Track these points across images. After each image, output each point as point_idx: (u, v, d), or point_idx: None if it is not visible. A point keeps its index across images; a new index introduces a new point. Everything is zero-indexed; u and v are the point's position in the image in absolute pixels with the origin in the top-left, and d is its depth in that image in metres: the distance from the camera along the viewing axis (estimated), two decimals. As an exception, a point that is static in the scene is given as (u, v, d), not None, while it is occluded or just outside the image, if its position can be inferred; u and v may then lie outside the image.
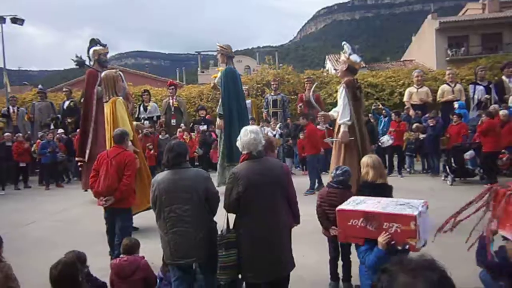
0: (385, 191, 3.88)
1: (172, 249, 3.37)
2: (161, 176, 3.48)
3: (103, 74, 6.63)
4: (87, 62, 8.26)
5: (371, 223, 3.07)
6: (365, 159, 4.04)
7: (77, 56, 8.02)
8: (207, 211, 3.44)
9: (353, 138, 5.63)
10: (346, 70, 5.89)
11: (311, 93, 7.30)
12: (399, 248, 3.00)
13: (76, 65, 7.99)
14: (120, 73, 6.74)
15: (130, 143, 5.44)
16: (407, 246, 2.98)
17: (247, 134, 3.28)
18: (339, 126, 5.70)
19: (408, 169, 10.35)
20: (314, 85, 8.58)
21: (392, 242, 2.99)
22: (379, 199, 3.37)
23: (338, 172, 4.07)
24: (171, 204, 3.34)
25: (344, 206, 3.30)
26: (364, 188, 3.90)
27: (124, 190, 4.67)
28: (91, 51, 7.99)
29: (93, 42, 8.16)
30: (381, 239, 2.97)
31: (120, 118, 6.17)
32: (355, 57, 5.92)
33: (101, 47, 8.07)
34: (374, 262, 3.01)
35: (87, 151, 8.20)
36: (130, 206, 4.90)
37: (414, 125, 10.13)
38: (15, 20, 16.63)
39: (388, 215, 3.03)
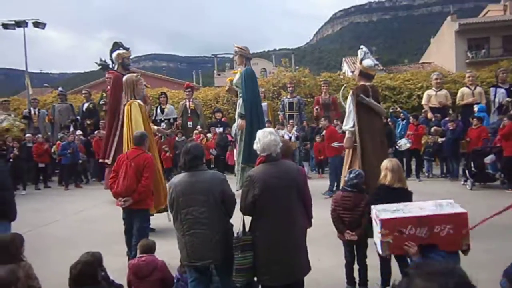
0: (403, 196, 3.75)
1: (189, 251, 3.39)
2: (178, 178, 3.51)
3: (124, 78, 6.72)
4: (110, 65, 8.33)
5: (421, 229, 2.90)
6: (385, 163, 3.99)
7: (101, 60, 8.11)
8: (223, 213, 3.45)
9: (356, 144, 5.70)
10: (360, 75, 5.95)
11: (340, 95, 7.35)
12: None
13: (101, 68, 8.07)
14: (140, 77, 6.85)
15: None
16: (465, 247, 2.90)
17: (266, 136, 3.28)
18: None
19: (426, 173, 10.21)
20: (342, 88, 8.64)
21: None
22: (417, 203, 3.23)
23: (351, 175, 4.07)
24: (188, 206, 3.36)
25: (383, 216, 3.04)
26: (381, 191, 3.85)
27: (143, 191, 4.72)
28: (114, 54, 8.02)
29: (116, 45, 8.18)
30: (411, 249, 2.89)
31: (134, 121, 6.26)
32: (368, 62, 5.91)
33: (124, 51, 8.09)
34: None
35: (112, 154, 8.23)
36: (148, 208, 4.96)
37: (433, 129, 9.99)
38: (37, 24, 17.03)
39: (441, 216, 2.89)
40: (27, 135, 11.60)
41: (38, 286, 3.22)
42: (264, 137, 3.28)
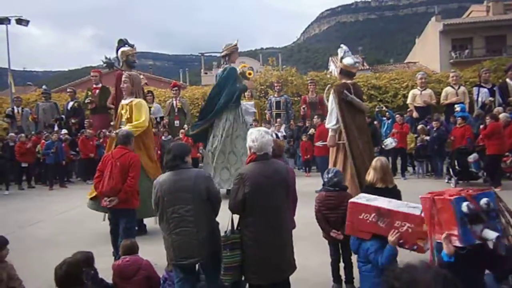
0: (387, 195, 3.78)
1: (175, 250, 3.38)
2: (162, 177, 3.50)
3: (129, 73, 6.44)
4: (116, 64, 8.09)
5: (383, 220, 3.12)
6: (372, 162, 4.06)
7: (106, 58, 7.89)
8: (209, 211, 3.45)
9: (341, 142, 5.74)
10: (340, 73, 6.04)
11: (325, 95, 7.39)
12: (407, 248, 3.04)
13: (105, 66, 7.86)
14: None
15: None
16: (415, 247, 3.02)
17: (263, 136, 3.30)
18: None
19: (418, 173, 10.29)
20: (327, 89, 8.67)
21: (401, 241, 3.04)
22: (390, 199, 3.40)
23: (330, 175, 4.09)
24: (173, 205, 3.35)
25: (356, 199, 3.36)
26: (367, 189, 3.90)
27: (129, 190, 4.68)
28: (119, 52, 7.78)
29: (121, 42, 7.87)
30: (392, 237, 3.04)
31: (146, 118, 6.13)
32: (348, 60, 6.00)
33: (129, 48, 7.88)
34: (389, 260, 3.05)
35: None
36: (134, 208, 4.91)
37: (419, 127, 10.10)
38: (20, 21, 16.74)
39: (402, 214, 3.07)
40: (10, 134, 11.41)
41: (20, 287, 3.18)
42: (261, 136, 3.29)
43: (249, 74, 8.31)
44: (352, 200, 3.36)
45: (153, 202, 3.51)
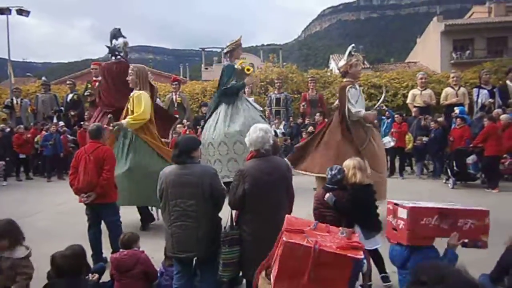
0: (372, 192, 3.99)
1: (174, 242, 3.40)
2: (168, 169, 3.52)
3: (136, 65, 6.27)
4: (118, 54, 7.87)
5: (446, 221, 2.93)
6: (350, 162, 4.05)
7: (111, 44, 7.62)
8: (212, 207, 3.46)
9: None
10: (343, 72, 6.09)
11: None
12: (470, 246, 2.96)
13: (109, 53, 7.64)
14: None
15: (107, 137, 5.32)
16: (479, 243, 2.95)
17: (256, 131, 3.31)
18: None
19: (418, 174, 10.24)
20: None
21: (463, 241, 2.93)
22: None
23: (333, 172, 4.04)
24: (176, 198, 3.36)
25: (407, 204, 3.06)
26: (354, 190, 3.91)
27: (105, 184, 4.63)
28: (120, 41, 7.56)
29: (119, 32, 7.71)
30: (453, 240, 2.91)
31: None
32: (352, 58, 6.03)
33: (125, 39, 7.73)
34: None
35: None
36: (113, 201, 4.86)
37: (439, 119, 10.01)
38: (21, 12, 16.65)
39: (464, 211, 2.97)
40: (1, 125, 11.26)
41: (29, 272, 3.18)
42: (253, 132, 3.31)
43: (248, 70, 8.19)
44: (409, 205, 3.03)
45: (157, 192, 3.52)
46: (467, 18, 34.70)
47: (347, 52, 6.01)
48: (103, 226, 4.85)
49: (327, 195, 3.90)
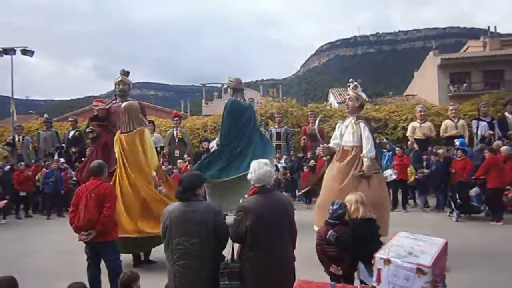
0: (375, 226, 3.96)
1: (176, 282, 3.34)
2: (172, 206, 3.50)
3: (128, 103, 6.44)
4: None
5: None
6: (352, 197, 4.03)
7: (124, 70, 7.81)
8: (215, 246, 3.41)
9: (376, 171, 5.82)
10: (359, 106, 6.06)
11: (316, 126, 7.42)
12: None
13: (123, 75, 7.83)
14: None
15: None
16: None
17: (262, 167, 3.30)
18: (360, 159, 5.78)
19: (421, 207, 10.07)
20: (318, 119, 8.71)
21: None
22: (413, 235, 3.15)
23: (335, 207, 4.02)
24: (180, 236, 3.32)
25: (422, 259, 2.72)
26: (356, 226, 3.88)
27: (106, 222, 4.57)
28: (131, 80, 7.81)
29: (127, 73, 7.93)
30: None
31: (150, 148, 6.12)
32: (364, 95, 6.20)
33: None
34: None
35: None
36: (114, 239, 4.79)
37: (440, 151, 9.98)
38: (25, 52, 17.06)
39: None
40: None
41: None
42: (259, 168, 3.30)
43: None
44: (424, 263, 2.68)
45: (161, 231, 3.48)
46: (462, 52, 35.38)
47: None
48: (102, 265, 4.76)
49: (330, 232, 3.85)
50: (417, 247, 2.84)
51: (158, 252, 5.79)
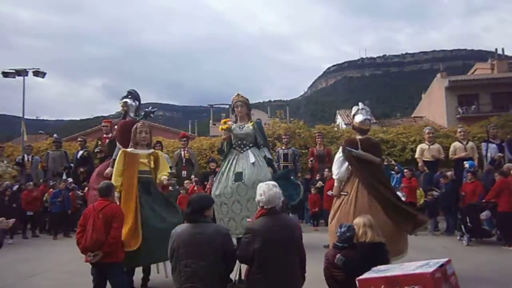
0: (384, 250, 3.90)
1: (184, 305, 3.29)
2: (181, 228, 3.50)
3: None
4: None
5: None
6: (361, 220, 4.00)
7: (133, 90, 8.10)
8: (223, 269, 3.38)
9: (344, 193, 5.70)
10: (353, 129, 6.20)
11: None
12: None
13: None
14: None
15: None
16: None
17: (271, 189, 3.30)
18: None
19: (431, 230, 9.80)
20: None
21: None
22: (402, 264, 3.32)
23: (343, 229, 3.98)
24: (187, 258, 3.30)
25: (367, 275, 3.19)
26: (364, 249, 3.84)
27: (113, 243, 4.56)
28: (135, 102, 8.07)
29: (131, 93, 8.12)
30: None
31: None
32: (358, 118, 6.11)
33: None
34: None
35: None
36: (120, 261, 4.75)
37: (448, 173, 9.86)
38: (37, 73, 17.37)
39: (410, 276, 2.92)
40: (6, 182, 11.29)
41: None
42: (269, 190, 3.30)
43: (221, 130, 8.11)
44: (360, 278, 3.19)
45: (168, 252, 3.45)
46: (470, 74, 35.44)
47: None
48: (108, 287, 4.72)
49: (337, 256, 3.81)
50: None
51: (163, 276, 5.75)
